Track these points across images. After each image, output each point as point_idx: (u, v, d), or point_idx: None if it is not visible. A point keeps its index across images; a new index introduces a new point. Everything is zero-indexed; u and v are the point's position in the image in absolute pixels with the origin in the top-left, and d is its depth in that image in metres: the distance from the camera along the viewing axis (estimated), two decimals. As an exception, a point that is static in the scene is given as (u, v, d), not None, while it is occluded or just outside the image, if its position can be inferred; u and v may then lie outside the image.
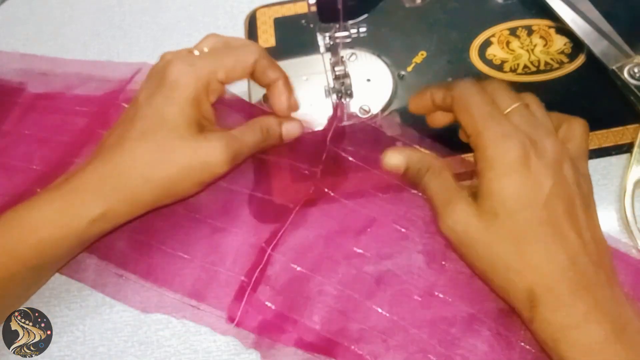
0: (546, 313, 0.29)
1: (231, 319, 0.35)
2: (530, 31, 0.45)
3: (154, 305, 0.37)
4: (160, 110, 0.34)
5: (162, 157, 0.33)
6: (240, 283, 0.36)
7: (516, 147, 0.30)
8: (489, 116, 0.32)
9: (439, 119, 0.37)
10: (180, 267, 0.37)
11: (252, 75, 0.38)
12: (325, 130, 0.41)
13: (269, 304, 0.35)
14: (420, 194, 0.37)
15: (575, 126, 0.34)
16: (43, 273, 0.36)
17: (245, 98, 0.44)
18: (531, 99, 0.35)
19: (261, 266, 0.36)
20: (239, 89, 0.45)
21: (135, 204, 0.34)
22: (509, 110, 0.33)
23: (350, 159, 0.40)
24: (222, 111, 0.41)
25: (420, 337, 0.34)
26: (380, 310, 0.35)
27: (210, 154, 0.34)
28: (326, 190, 0.39)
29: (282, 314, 0.35)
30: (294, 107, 0.39)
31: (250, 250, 0.37)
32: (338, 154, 0.40)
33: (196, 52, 0.38)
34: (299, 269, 0.36)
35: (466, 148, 0.35)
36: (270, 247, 0.36)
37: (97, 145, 0.36)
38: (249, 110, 0.42)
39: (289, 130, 0.39)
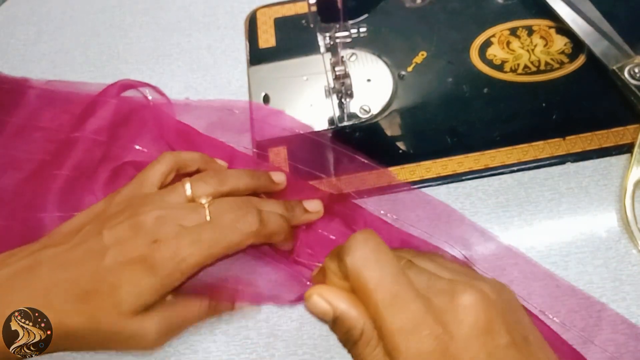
0: None
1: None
2: (530, 31, 0.45)
3: None
4: (119, 284, 0.30)
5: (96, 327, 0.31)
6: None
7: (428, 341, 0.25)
8: (393, 299, 0.25)
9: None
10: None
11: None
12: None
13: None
14: None
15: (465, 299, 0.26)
16: None
17: (245, 95, 0.45)
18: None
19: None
20: (239, 87, 0.45)
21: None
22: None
23: None
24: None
25: None
26: None
27: (140, 334, 0.31)
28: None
29: None
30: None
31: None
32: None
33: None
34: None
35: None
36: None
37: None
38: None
39: None
